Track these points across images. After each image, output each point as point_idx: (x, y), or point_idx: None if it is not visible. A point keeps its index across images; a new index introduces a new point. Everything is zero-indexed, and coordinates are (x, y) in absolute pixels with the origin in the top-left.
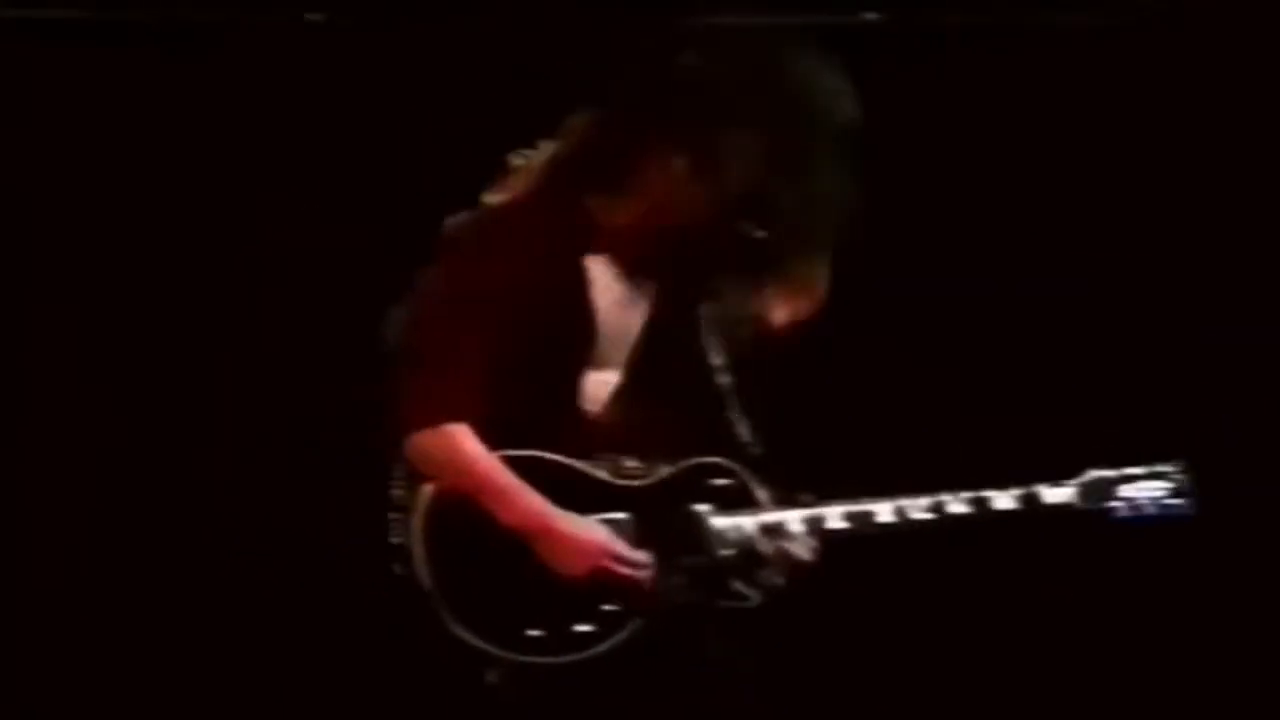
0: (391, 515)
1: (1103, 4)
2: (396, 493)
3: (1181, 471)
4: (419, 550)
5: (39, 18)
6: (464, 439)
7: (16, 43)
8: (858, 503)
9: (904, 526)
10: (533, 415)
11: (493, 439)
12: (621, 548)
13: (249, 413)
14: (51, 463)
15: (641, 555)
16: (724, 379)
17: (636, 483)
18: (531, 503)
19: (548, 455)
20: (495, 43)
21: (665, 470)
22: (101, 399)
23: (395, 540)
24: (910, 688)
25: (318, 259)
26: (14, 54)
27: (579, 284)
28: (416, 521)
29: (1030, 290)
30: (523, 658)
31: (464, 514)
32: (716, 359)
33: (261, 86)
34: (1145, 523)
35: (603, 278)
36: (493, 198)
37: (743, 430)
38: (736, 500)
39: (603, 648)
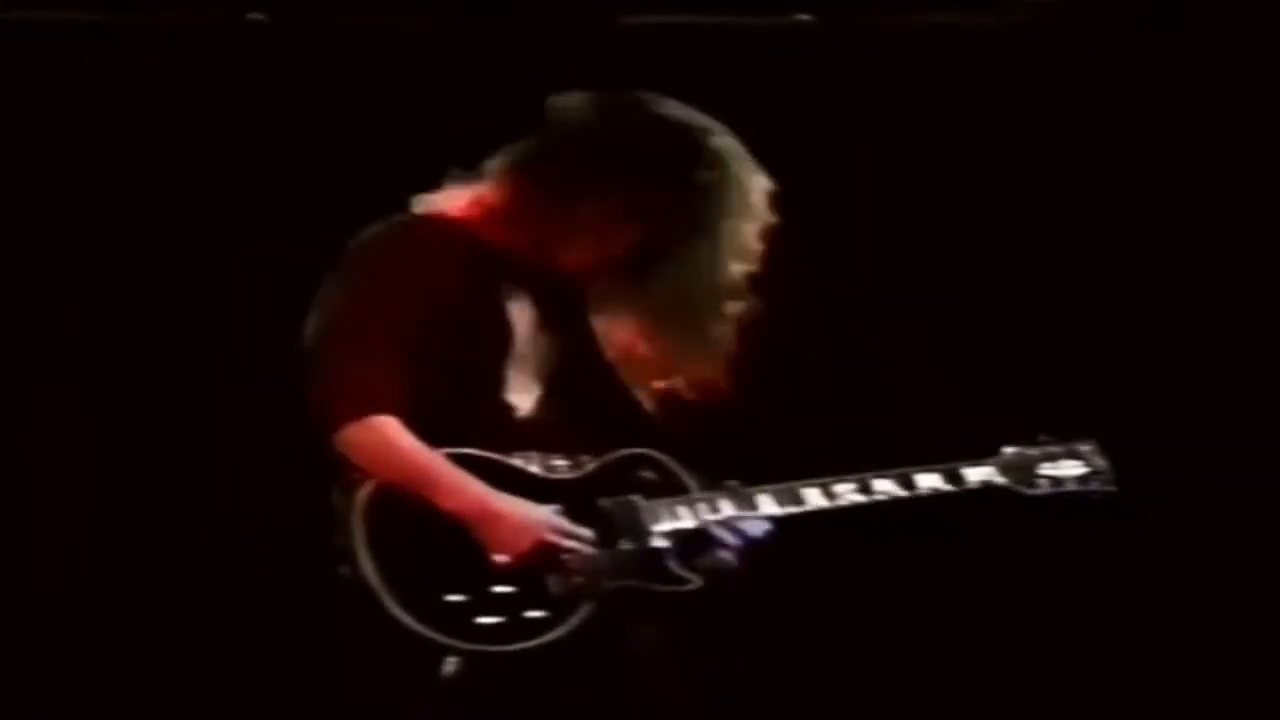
0: (332, 516)
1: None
2: (334, 494)
3: (1098, 449)
4: (362, 548)
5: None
6: (395, 429)
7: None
8: (786, 486)
9: (833, 508)
10: (460, 415)
11: (422, 438)
12: (563, 522)
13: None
14: (39, 460)
15: (584, 530)
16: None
17: (567, 476)
18: (471, 487)
19: (480, 452)
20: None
21: (594, 463)
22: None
23: (337, 542)
24: (849, 669)
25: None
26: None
27: (496, 300)
28: (356, 520)
29: (944, 273)
30: (479, 647)
31: (403, 507)
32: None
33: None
34: (1067, 501)
35: (518, 300)
36: (419, 208)
37: (665, 426)
38: (666, 489)
39: (557, 633)
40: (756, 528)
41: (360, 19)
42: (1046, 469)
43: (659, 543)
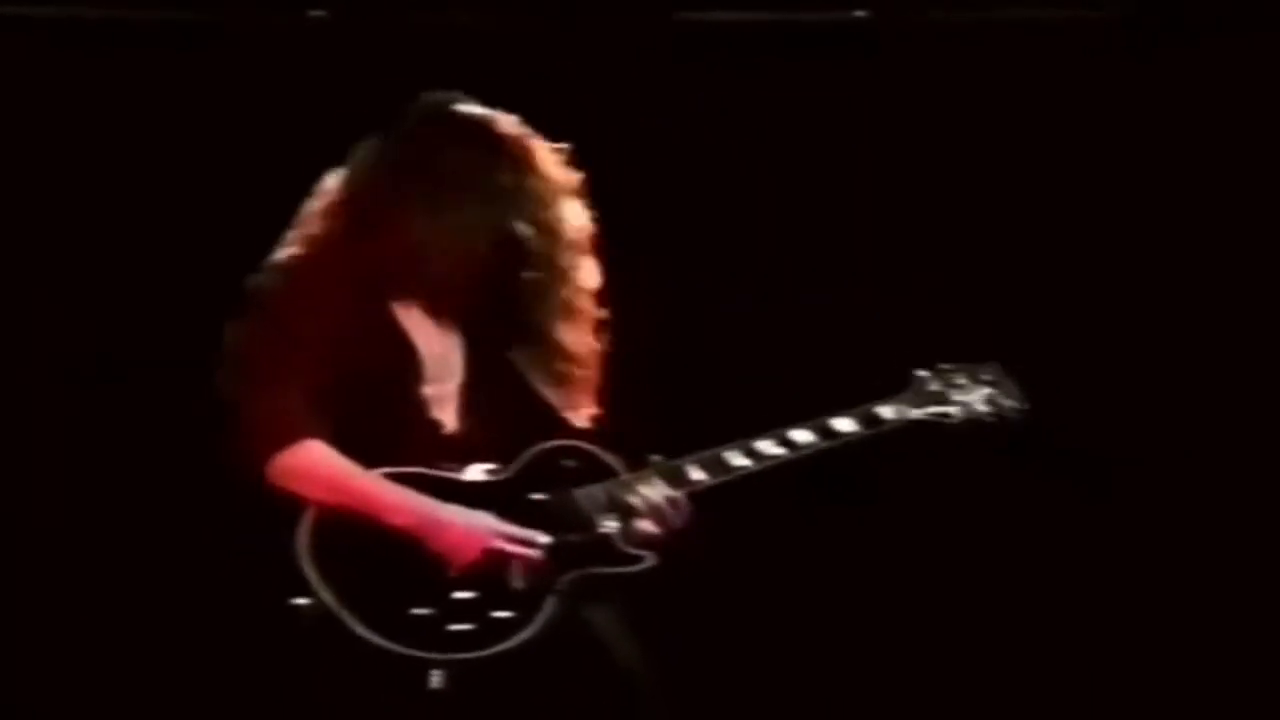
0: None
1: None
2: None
3: (1001, 370)
4: (314, 576)
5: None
6: (325, 452)
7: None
8: (710, 453)
9: (757, 467)
10: (391, 440)
11: (355, 461)
12: (509, 526)
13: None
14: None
15: (529, 532)
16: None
17: (498, 478)
18: (414, 501)
19: (411, 469)
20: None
21: (520, 461)
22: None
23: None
24: (806, 627)
25: None
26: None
27: (390, 320)
28: (303, 549)
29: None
30: (456, 655)
31: (348, 530)
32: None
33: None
34: (982, 428)
35: (411, 313)
36: (286, 252)
37: (577, 419)
38: (592, 474)
39: (531, 630)
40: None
41: (418, 17)
42: (957, 395)
43: (604, 528)
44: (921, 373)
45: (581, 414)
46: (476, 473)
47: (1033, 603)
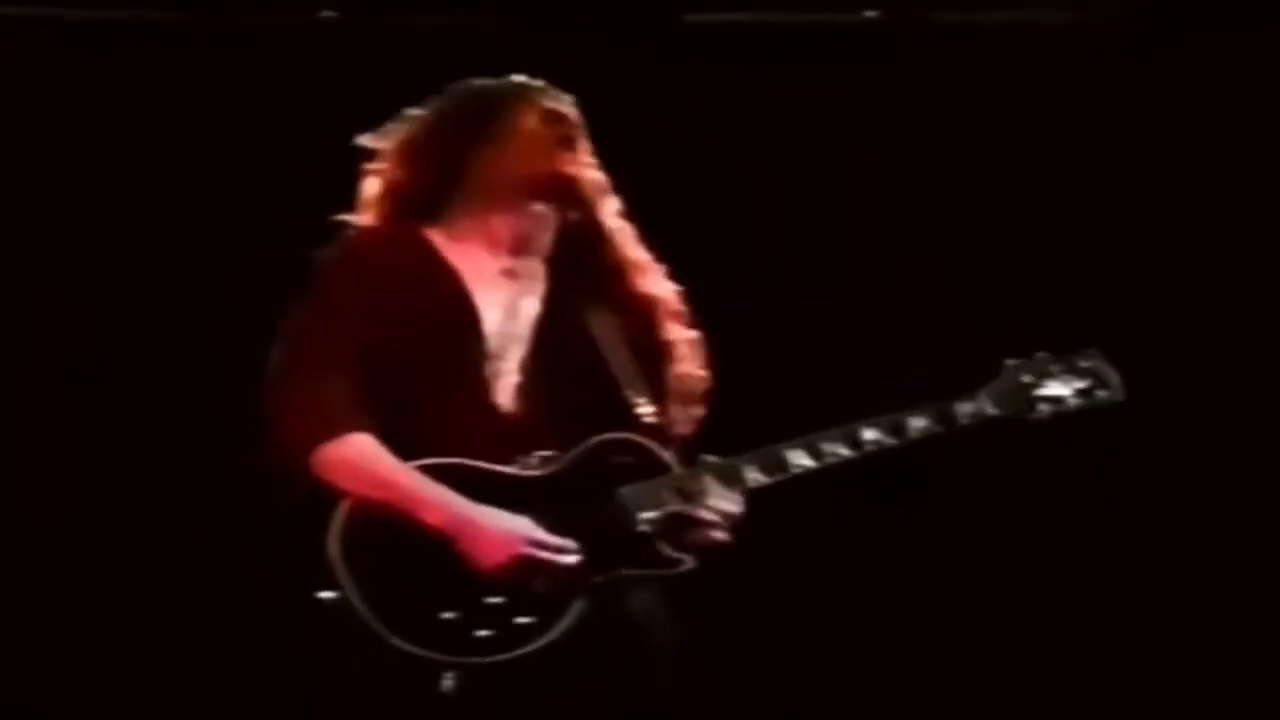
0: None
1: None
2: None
3: (1097, 360)
4: (343, 572)
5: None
6: (371, 446)
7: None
8: (768, 450)
9: (821, 467)
10: (448, 424)
11: (404, 448)
12: (542, 533)
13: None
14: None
15: (563, 540)
16: (616, 361)
17: (546, 472)
18: (452, 501)
19: (456, 460)
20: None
21: (571, 454)
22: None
23: (317, 565)
24: (855, 646)
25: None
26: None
27: (458, 293)
28: (334, 544)
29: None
30: (478, 659)
31: (381, 525)
32: (606, 343)
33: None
34: (1072, 422)
35: (480, 284)
36: (352, 220)
37: (642, 404)
38: (645, 471)
39: (550, 636)
40: (736, 504)
41: (424, 20)
42: (1044, 389)
43: (645, 528)
44: (1012, 362)
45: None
46: (527, 463)
47: (1092, 606)
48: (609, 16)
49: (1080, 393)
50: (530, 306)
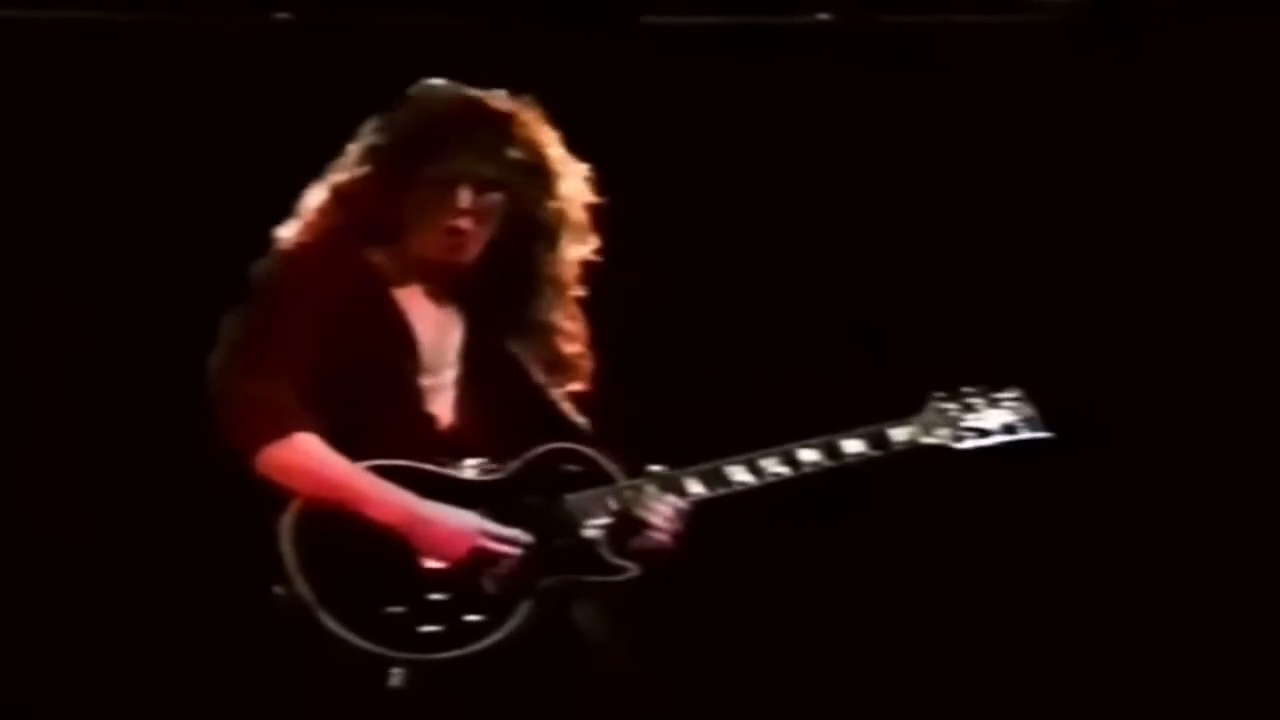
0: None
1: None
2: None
3: (1023, 396)
4: (293, 566)
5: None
6: (317, 445)
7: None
8: (711, 466)
9: (759, 483)
10: (385, 432)
11: (345, 453)
12: (493, 525)
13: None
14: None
15: (515, 532)
16: (542, 377)
17: (493, 477)
18: (399, 498)
19: (405, 462)
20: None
21: (518, 461)
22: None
23: (270, 561)
24: (791, 651)
25: None
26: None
27: (391, 308)
28: (285, 539)
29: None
30: (424, 655)
31: (332, 523)
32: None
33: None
34: (996, 451)
35: (413, 302)
36: (286, 239)
37: (577, 416)
38: (590, 479)
39: (498, 635)
40: (678, 513)
41: (383, 20)
42: (971, 420)
43: (590, 534)
44: (938, 395)
45: (571, 392)
46: (471, 469)
47: (1027, 622)
48: (567, 17)
49: (1005, 428)
50: (458, 323)
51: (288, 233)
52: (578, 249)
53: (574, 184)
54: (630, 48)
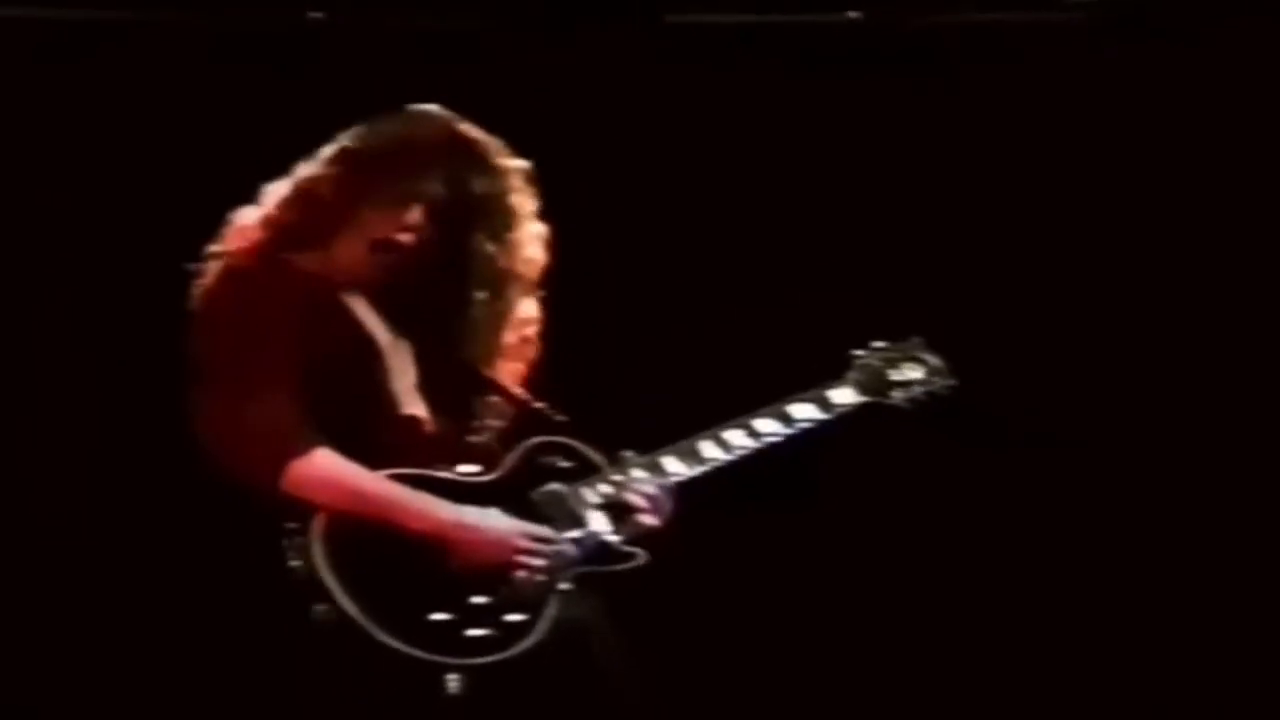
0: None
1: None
2: (291, 530)
3: (925, 345)
4: (331, 581)
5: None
6: (340, 460)
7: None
8: (684, 444)
9: (729, 457)
10: (376, 438)
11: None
12: (532, 527)
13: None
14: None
15: (547, 530)
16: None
17: (490, 477)
18: (435, 506)
19: (413, 471)
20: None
21: (508, 459)
22: None
23: (302, 576)
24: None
25: None
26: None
27: (345, 315)
28: (319, 558)
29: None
30: (477, 659)
31: (363, 534)
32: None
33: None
34: (921, 405)
35: (361, 308)
36: (225, 257)
37: (546, 409)
38: (578, 471)
39: (539, 632)
40: (664, 490)
41: (407, 21)
42: (894, 375)
43: (598, 525)
44: (858, 353)
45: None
46: (462, 471)
47: (982, 583)
48: (590, 16)
49: (922, 380)
50: (405, 332)
51: (224, 248)
52: (522, 298)
53: (530, 234)
54: (654, 46)
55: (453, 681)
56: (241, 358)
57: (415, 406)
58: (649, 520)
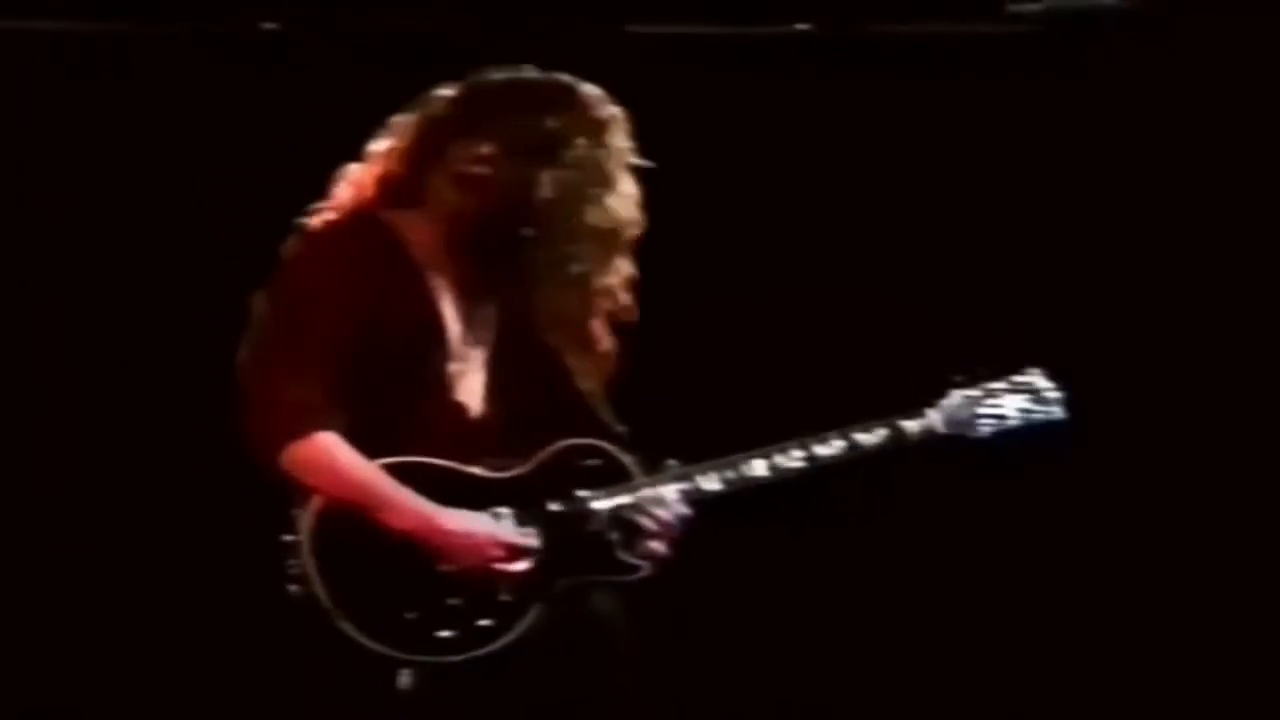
0: (285, 537)
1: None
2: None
3: (1042, 377)
4: (311, 568)
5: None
6: (338, 447)
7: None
8: (728, 460)
9: (775, 478)
10: (413, 421)
11: (371, 446)
12: (507, 536)
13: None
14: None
15: (528, 540)
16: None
17: (512, 473)
18: (417, 505)
19: (423, 459)
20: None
21: (537, 457)
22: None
23: (290, 562)
24: (803, 650)
25: None
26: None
27: (420, 292)
28: (304, 540)
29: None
30: (439, 659)
31: (351, 526)
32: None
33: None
34: (1015, 437)
35: (443, 283)
36: (312, 219)
37: (604, 410)
38: (609, 476)
39: (509, 638)
40: (683, 513)
41: (369, 26)
42: (988, 408)
43: (608, 536)
44: (958, 379)
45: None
46: (492, 465)
47: (983, 587)
48: (552, 24)
49: (1023, 411)
50: (490, 309)
51: (322, 209)
52: (617, 257)
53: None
54: (615, 55)
55: (404, 676)
56: (295, 318)
57: (468, 394)
58: (656, 547)
